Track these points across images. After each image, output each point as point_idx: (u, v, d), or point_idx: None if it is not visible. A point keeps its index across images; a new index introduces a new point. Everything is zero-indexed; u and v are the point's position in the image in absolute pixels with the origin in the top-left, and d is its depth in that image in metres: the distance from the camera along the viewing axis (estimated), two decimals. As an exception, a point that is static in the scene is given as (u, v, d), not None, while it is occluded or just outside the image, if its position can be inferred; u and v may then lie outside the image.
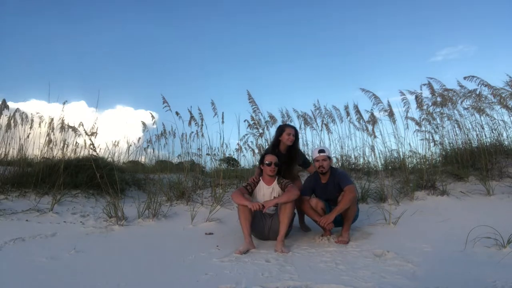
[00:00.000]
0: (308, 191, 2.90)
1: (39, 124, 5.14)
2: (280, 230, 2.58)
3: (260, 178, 2.91)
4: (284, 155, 3.09)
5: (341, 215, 2.71)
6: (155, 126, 5.43)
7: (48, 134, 4.91)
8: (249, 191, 2.85)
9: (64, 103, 5.04)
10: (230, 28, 16.76)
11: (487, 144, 4.63)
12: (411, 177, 4.27)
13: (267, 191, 2.83)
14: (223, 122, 4.75)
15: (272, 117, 5.18)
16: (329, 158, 2.85)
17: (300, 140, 5.26)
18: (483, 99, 4.70)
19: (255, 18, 16.70)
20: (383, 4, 16.01)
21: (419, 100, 4.77)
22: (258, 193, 2.87)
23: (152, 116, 5.34)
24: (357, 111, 5.09)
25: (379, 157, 5.07)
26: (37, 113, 5.23)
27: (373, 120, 4.83)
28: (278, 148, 3.11)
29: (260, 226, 2.82)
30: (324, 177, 2.88)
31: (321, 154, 2.83)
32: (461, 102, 4.82)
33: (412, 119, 4.72)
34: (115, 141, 5.94)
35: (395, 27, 15.89)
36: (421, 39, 15.46)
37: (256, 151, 5.14)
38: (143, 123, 5.76)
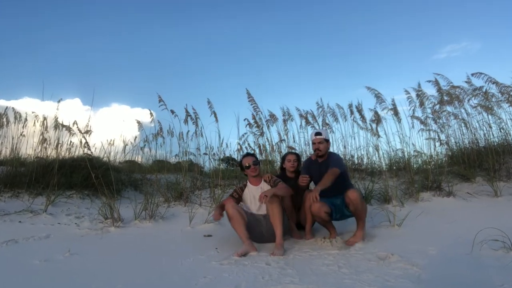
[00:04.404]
0: (304, 171, 2.93)
1: (33, 122, 5.14)
2: (276, 233, 2.58)
3: (247, 181, 2.98)
4: (292, 179, 3.23)
5: (350, 212, 2.72)
6: (153, 124, 5.42)
7: (42, 133, 4.91)
8: (236, 198, 2.91)
9: (58, 101, 5.05)
10: (231, 27, 16.74)
11: (495, 144, 4.62)
12: (416, 178, 4.27)
13: (256, 192, 2.86)
14: (216, 121, 4.77)
15: (272, 115, 5.18)
16: (326, 140, 2.89)
17: (302, 139, 5.28)
18: (491, 97, 4.69)
19: (257, 16, 16.69)
20: (385, 0, 15.99)
21: (420, 98, 4.77)
22: (247, 196, 2.92)
23: (151, 114, 5.33)
24: (359, 111, 5.09)
25: (383, 157, 5.07)
26: (32, 112, 5.24)
27: (377, 119, 4.83)
28: (286, 175, 3.29)
29: (256, 229, 2.80)
30: (320, 159, 2.92)
31: (317, 136, 2.88)
32: (468, 100, 4.82)
33: (417, 118, 4.72)
34: (111, 140, 5.94)
35: (398, 24, 15.88)
36: (424, 35, 15.44)
37: (257, 151, 5.14)
38: (138, 122, 5.76)
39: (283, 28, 16.55)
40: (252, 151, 5.22)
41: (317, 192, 2.49)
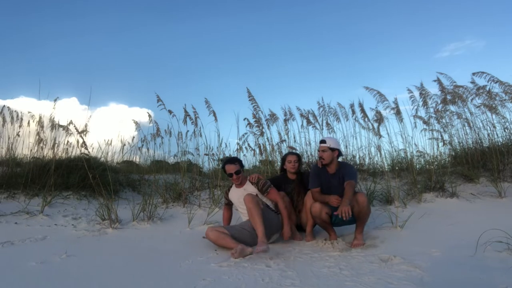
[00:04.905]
0: (315, 182, 2.86)
1: (28, 122, 5.13)
2: (257, 232, 2.56)
3: (232, 183, 3.08)
4: (293, 181, 3.26)
5: (353, 216, 2.71)
6: (151, 124, 5.42)
7: (38, 133, 4.91)
8: (227, 204, 3.12)
9: (55, 100, 5.04)
10: (230, 25, 16.72)
11: (499, 144, 4.63)
12: (419, 178, 4.27)
13: (240, 193, 2.93)
14: (216, 120, 4.77)
15: (273, 115, 5.18)
16: (331, 149, 2.84)
17: (303, 140, 5.27)
18: (494, 96, 4.70)
19: (256, 14, 16.67)
20: (386, -2, 15.95)
21: (423, 97, 4.77)
22: (233, 198, 3.02)
23: (149, 115, 5.34)
24: (362, 110, 5.09)
25: (385, 157, 5.07)
26: (29, 112, 5.23)
27: (380, 119, 4.83)
28: (287, 177, 3.31)
29: (245, 234, 2.75)
30: (330, 168, 2.88)
31: (322, 144, 2.87)
32: (472, 100, 4.82)
33: (420, 117, 4.72)
34: (108, 140, 5.93)
35: (399, 21, 15.84)
36: (426, 33, 15.38)
37: (257, 151, 5.14)
38: (135, 122, 5.76)
39: (283, 25, 16.55)
40: (252, 151, 5.22)
41: (347, 206, 2.46)
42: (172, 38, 16.21)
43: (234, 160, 2.98)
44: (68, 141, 5.16)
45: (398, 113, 4.68)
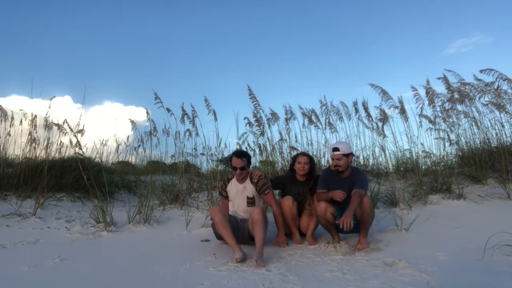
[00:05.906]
0: (323, 184, 2.87)
1: (20, 121, 5.13)
2: (256, 242, 2.55)
3: (234, 176, 3.03)
4: (301, 182, 3.15)
5: (356, 220, 2.71)
6: (148, 123, 5.42)
7: (30, 132, 4.91)
8: (226, 196, 3.04)
9: (51, 99, 5.04)
10: (230, 21, 16.72)
11: (508, 144, 4.62)
12: (425, 180, 4.27)
13: (240, 188, 2.94)
14: (215, 119, 4.76)
15: (274, 114, 5.18)
16: (345, 155, 2.81)
17: (304, 139, 5.27)
18: (503, 94, 4.69)
19: (257, 10, 16.67)
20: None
21: (430, 96, 4.76)
22: (232, 191, 2.99)
23: (147, 112, 5.34)
24: (365, 108, 5.09)
25: (390, 157, 5.07)
26: (20, 110, 5.23)
27: (384, 118, 4.83)
28: (295, 178, 3.17)
29: (239, 229, 2.79)
30: (343, 173, 2.88)
31: (335, 152, 2.80)
32: (479, 98, 4.81)
33: (426, 116, 4.72)
34: (103, 140, 5.93)
35: (404, 17, 15.83)
36: (432, 30, 15.36)
37: (257, 151, 5.14)
38: (132, 121, 5.75)
39: (285, 21, 16.55)
40: (252, 151, 5.22)
41: (350, 217, 2.44)
42: (170, 34, 16.22)
43: (243, 155, 2.91)
44: (61, 141, 5.16)
45: (403, 112, 4.67)
